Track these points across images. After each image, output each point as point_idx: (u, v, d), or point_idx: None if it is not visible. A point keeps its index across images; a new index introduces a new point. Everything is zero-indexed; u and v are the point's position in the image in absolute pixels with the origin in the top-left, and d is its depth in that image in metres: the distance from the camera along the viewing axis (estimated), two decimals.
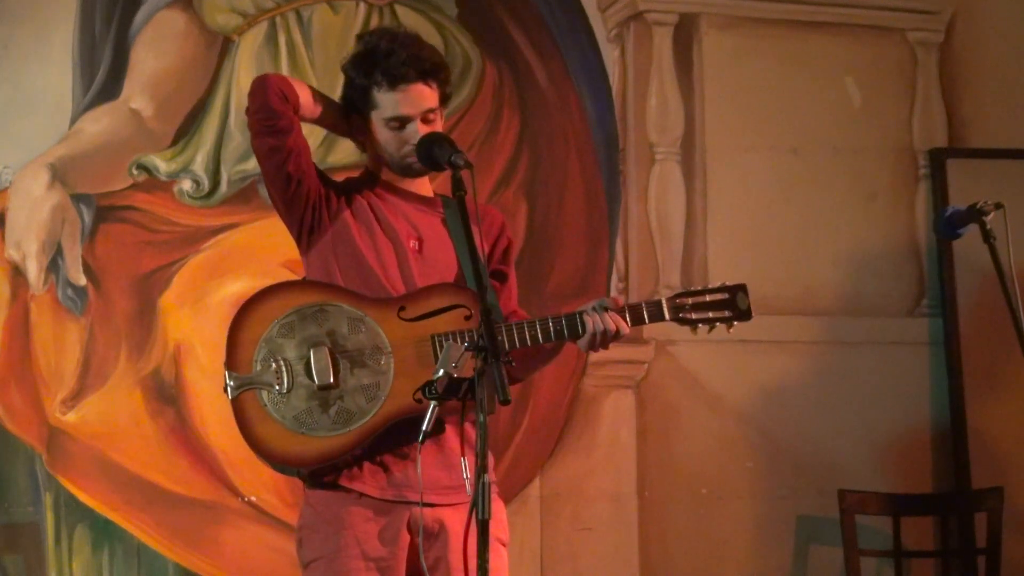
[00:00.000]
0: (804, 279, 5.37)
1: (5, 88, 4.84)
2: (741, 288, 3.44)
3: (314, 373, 3.30)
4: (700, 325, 3.43)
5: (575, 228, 5.21)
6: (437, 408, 3.05)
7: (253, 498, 4.84)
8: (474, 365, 2.99)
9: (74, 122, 4.88)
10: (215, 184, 4.95)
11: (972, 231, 3.68)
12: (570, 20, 5.26)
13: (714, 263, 5.26)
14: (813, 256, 5.37)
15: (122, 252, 4.88)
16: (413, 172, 3.46)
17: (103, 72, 4.91)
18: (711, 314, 3.43)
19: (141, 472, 4.81)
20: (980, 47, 5.56)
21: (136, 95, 4.93)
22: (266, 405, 3.30)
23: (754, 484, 5.26)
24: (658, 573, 5.18)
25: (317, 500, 3.39)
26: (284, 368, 3.31)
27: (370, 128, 3.44)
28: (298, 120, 3.39)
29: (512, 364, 3.07)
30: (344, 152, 4.88)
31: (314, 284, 3.41)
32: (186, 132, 4.95)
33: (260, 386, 3.30)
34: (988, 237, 3.62)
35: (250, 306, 3.35)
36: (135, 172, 4.91)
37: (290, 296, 3.35)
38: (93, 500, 4.79)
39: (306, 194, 3.40)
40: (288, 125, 3.36)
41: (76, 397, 4.81)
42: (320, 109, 3.45)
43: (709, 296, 3.43)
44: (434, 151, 3.32)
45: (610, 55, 5.29)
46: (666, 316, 3.40)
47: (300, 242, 3.47)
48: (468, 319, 3.33)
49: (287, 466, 3.39)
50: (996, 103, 5.54)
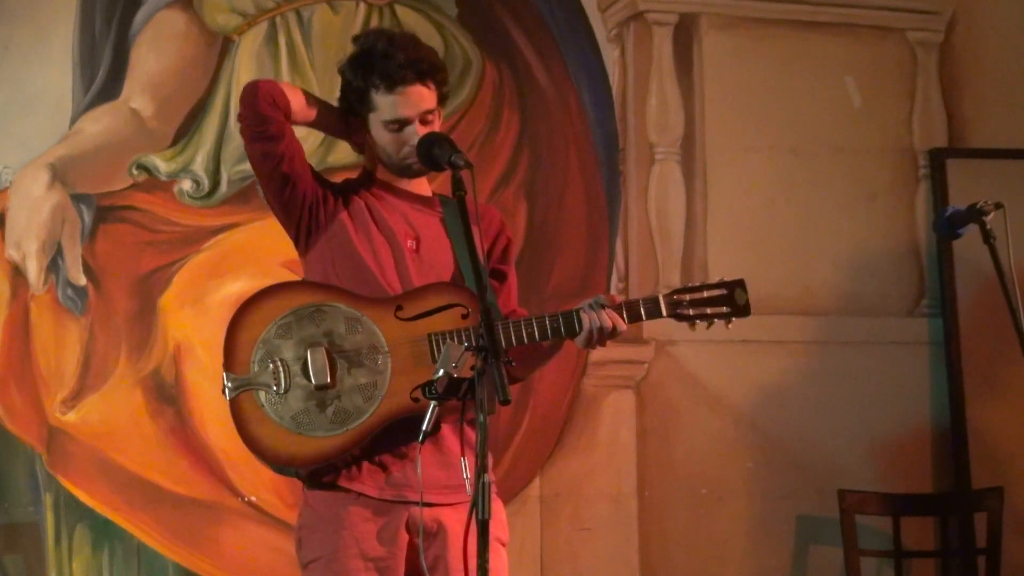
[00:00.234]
0: (804, 279, 5.36)
1: (5, 88, 4.84)
2: (739, 284, 3.41)
3: (311, 373, 3.30)
4: (698, 322, 3.40)
5: (575, 228, 5.20)
6: (437, 408, 3.05)
7: (253, 498, 4.84)
8: (474, 364, 2.99)
9: (74, 122, 4.88)
10: (215, 184, 4.95)
11: (972, 231, 3.68)
12: (570, 20, 5.26)
13: (714, 263, 5.26)
14: (813, 256, 5.37)
15: (122, 252, 4.88)
16: (412, 172, 3.46)
17: (103, 72, 4.91)
18: (709, 310, 3.40)
19: (141, 472, 4.81)
20: (980, 47, 5.56)
21: (136, 95, 4.93)
22: (264, 406, 3.30)
23: (754, 484, 5.26)
24: (658, 573, 5.18)
25: (316, 500, 3.40)
26: (281, 369, 3.31)
27: (368, 129, 3.45)
28: (290, 125, 3.38)
29: (512, 364, 3.07)
30: (344, 152, 4.87)
31: (311, 284, 3.41)
32: (186, 132, 4.95)
33: (257, 387, 3.30)
34: (988, 237, 3.62)
35: (247, 307, 3.35)
36: (135, 172, 4.91)
37: (287, 297, 3.35)
38: (93, 500, 4.79)
39: (301, 197, 3.41)
40: (279, 131, 3.36)
41: (76, 397, 4.81)
42: (314, 113, 3.45)
43: (707, 292, 3.40)
44: (434, 151, 3.32)
45: (610, 55, 5.29)
46: (663, 313, 3.38)
47: (298, 244, 3.47)
48: (465, 318, 3.32)
49: (285, 466, 3.39)
50: (996, 103, 5.54)
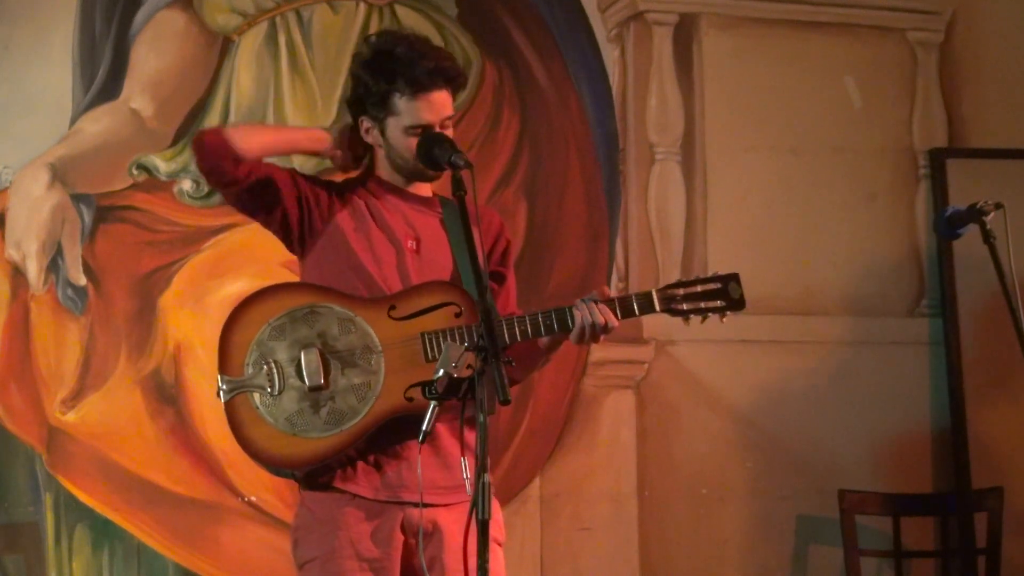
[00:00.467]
0: (804, 279, 5.36)
1: (5, 88, 4.84)
2: (733, 278, 3.39)
3: (305, 375, 3.30)
4: (692, 316, 3.37)
5: (575, 228, 5.20)
6: (437, 408, 3.05)
7: (253, 498, 4.84)
8: (472, 364, 2.99)
9: (74, 122, 4.88)
10: None
11: (972, 231, 3.67)
12: (570, 20, 5.26)
13: (714, 263, 5.24)
14: (813, 256, 5.37)
15: (122, 252, 4.87)
16: (426, 178, 3.45)
17: (103, 72, 4.91)
18: (703, 304, 3.37)
19: (141, 472, 4.81)
20: (980, 47, 5.55)
21: (136, 95, 4.93)
22: (258, 408, 3.30)
23: (754, 484, 5.26)
24: (658, 573, 5.18)
25: (312, 501, 3.40)
26: (275, 370, 3.31)
27: (384, 132, 3.42)
28: (245, 165, 3.34)
29: (512, 364, 3.06)
30: None
31: (305, 286, 3.41)
32: (186, 132, 4.94)
33: (252, 389, 3.30)
34: (988, 237, 3.62)
35: (241, 310, 3.35)
36: (135, 172, 4.91)
37: (281, 299, 3.35)
38: (93, 500, 4.79)
39: (283, 214, 3.39)
40: (232, 178, 3.34)
41: (76, 397, 4.81)
42: (272, 145, 3.43)
43: (701, 286, 3.38)
44: (434, 151, 3.32)
45: (610, 55, 5.29)
46: (656, 308, 3.35)
47: (293, 250, 3.47)
48: (458, 316, 3.32)
49: (281, 468, 3.40)
50: (996, 103, 5.54)
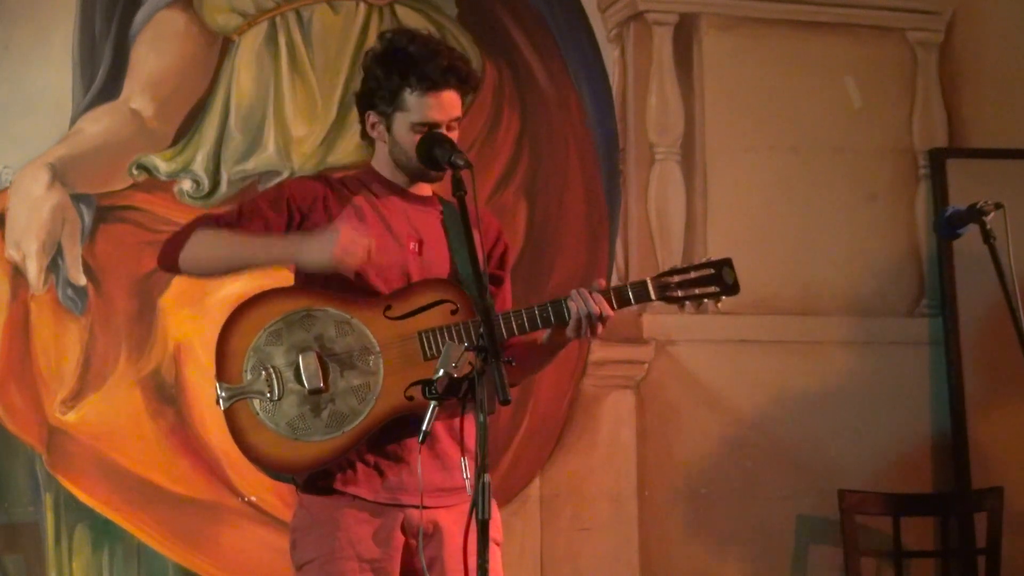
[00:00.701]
0: (804, 279, 5.36)
1: (5, 88, 4.84)
2: (726, 263, 3.38)
3: (304, 378, 3.29)
4: (688, 302, 3.36)
5: (575, 228, 5.20)
6: (437, 408, 3.05)
7: (253, 498, 4.84)
8: (473, 363, 2.98)
9: (74, 122, 4.88)
10: (215, 184, 4.94)
11: (972, 231, 3.67)
12: (570, 20, 5.26)
13: None
14: (813, 256, 5.37)
15: (122, 252, 4.87)
16: (428, 178, 3.43)
17: (103, 72, 4.91)
18: (697, 290, 3.36)
19: (141, 472, 4.81)
20: (980, 47, 5.55)
21: (136, 95, 4.93)
22: (259, 414, 3.29)
23: (754, 484, 5.26)
24: (658, 573, 5.18)
25: (311, 502, 3.39)
26: (274, 376, 3.30)
27: (390, 127, 3.40)
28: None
29: (512, 364, 3.06)
30: (344, 151, 4.88)
31: (299, 290, 3.40)
32: (186, 132, 4.94)
33: (251, 395, 3.30)
34: (988, 237, 3.62)
35: (237, 316, 3.34)
36: (135, 172, 4.91)
37: (276, 304, 3.34)
38: (93, 500, 4.79)
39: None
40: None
41: (76, 397, 4.81)
42: (241, 262, 3.39)
43: (695, 273, 3.37)
44: (435, 151, 3.31)
45: (610, 55, 5.29)
46: (652, 295, 3.35)
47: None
48: (454, 313, 3.32)
49: (284, 472, 3.39)
50: (996, 103, 5.54)
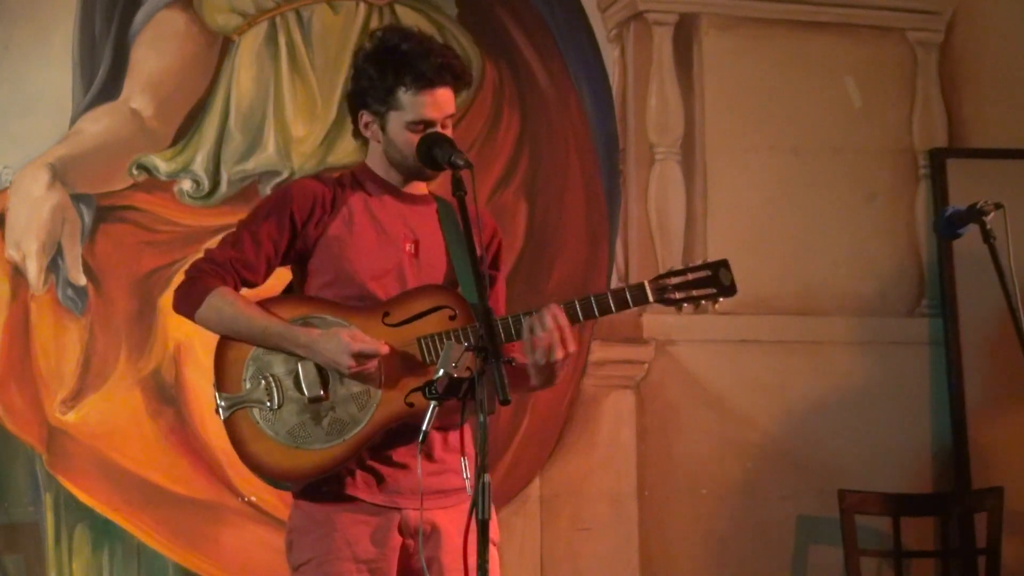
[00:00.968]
0: (804, 279, 5.36)
1: (5, 88, 4.84)
2: (723, 264, 3.38)
3: (303, 386, 3.28)
4: (685, 304, 3.36)
5: (575, 228, 5.20)
6: (437, 408, 3.04)
7: (253, 498, 4.84)
8: (471, 365, 2.98)
9: (74, 122, 4.88)
10: (215, 184, 4.95)
11: (972, 231, 3.67)
12: (570, 20, 5.26)
13: None
14: (813, 256, 5.37)
15: (122, 252, 4.87)
16: (424, 176, 3.42)
17: (103, 72, 4.91)
18: (695, 292, 3.35)
19: (141, 472, 4.81)
20: (980, 47, 5.55)
21: (136, 95, 4.93)
22: (259, 422, 3.29)
23: (754, 484, 5.26)
24: (658, 573, 5.18)
25: (307, 503, 3.37)
26: (273, 384, 3.29)
27: (385, 127, 3.38)
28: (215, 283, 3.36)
29: (512, 364, 3.05)
30: (344, 151, 4.88)
31: (296, 298, 3.40)
32: (186, 132, 4.94)
33: (251, 404, 3.29)
34: (988, 237, 3.61)
35: None
36: (135, 172, 4.91)
37: (275, 312, 3.32)
38: (93, 500, 4.79)
39: (271, 271, 3.41)
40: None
41: (76, 397, 4.81)
42: (246, 337, 3.35)
43: (691, 275, 3.36)
44: (434, 151, 3.29)
45: (610, 55, 5.29)
46: (650, 298, 3.34)
47: (292, 265, 3.46)
48: (453, 319, 3.31)
49: (285, 481, 3.37)
50: (996, 103, 5.54)
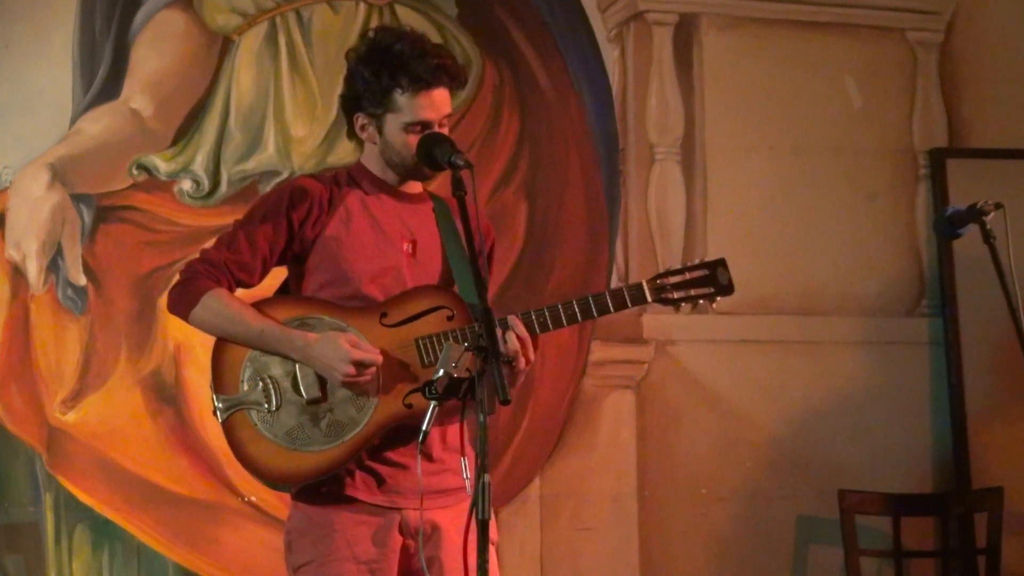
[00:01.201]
0: (804, 279, 5.36)
1: (5, 88, 4.84)
2: (720, 263, 3.40)
3: (301, 388, 3.28)
4: (683, 303, 3.38)
5: (575, 228, 5.20)
6: (437, 408, 3.04)
7: (253, 498, 4.84)
8: (470, 366, 2.98)
9: (74, 122, 4.88)
10: (215, 184, 4.95)
11: (972, 231, 3.67)
12: (570, 20, 5.26)
13: None
14: (813, 256, 5.37)
15: (122, 252, 4.87)
16: (421, 176, 3.42)
17: (103, 72, 4.91)
18: (693, 291, 3.38)
19: (141, 472, 4.81)
20: (980, 47, 5.55)
21: (136, 95, 4.93)
22: (257, 424, 3.28)
23: (754, 484, 5.26)
24: (658, 573, 5.18)
25: (306, 505, 3.36)
26: (271, 386, 3.29)
27: (381, 129, 3.36)
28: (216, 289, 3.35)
29: (512, 364, 3.05)
30: (344, 151, 4.88)
31: (293, 299, 3.39)
32: (186, 132, 4.94)
33: (249, 406, 3.28)
34: (988, 237, 3.61)
35: None
36: (135, 172, 4.91)
37: (270, 313, 3.32)
38: (93, 500, 4.79)
39: (266, 272, 3.40)
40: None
41: (76, 397, 4.81)
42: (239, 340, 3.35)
43: (689, 274, 3.39)
44: (434, 151, 3.28)
45: (610, 55, 5.29)
46: (648, 298, 3.36)
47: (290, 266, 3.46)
48: (450, 319, 3.30)
49: (284, 483, 3.36)
50: (996, 103, 5.54)
